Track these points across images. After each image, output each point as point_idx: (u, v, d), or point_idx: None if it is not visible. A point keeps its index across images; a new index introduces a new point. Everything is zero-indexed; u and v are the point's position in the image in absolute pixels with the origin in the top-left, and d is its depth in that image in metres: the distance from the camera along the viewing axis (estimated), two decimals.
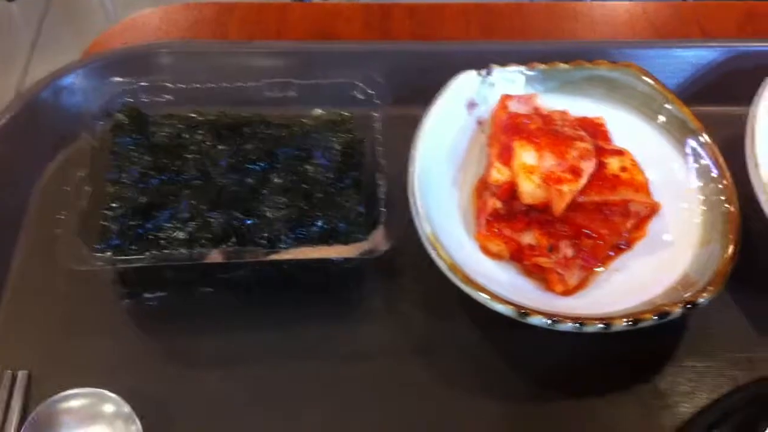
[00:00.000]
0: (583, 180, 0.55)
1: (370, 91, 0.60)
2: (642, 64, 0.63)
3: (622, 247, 0.57)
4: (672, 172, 0.59)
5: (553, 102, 0.62)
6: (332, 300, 0.56)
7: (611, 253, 0.56)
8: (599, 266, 0.55)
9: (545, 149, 0.56)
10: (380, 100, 0.59)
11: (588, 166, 0.55)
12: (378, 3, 0.80)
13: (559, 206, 0.54)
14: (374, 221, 0.54)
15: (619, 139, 0.60)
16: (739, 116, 0.60)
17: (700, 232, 0.56)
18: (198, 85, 0.58)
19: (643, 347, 0.54)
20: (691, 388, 0.52)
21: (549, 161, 0.56)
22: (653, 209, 0.57)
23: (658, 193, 0.58)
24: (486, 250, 0.57)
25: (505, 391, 0.53)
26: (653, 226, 0.57)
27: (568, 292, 0.54)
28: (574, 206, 0.55)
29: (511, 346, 0.55)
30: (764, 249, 0.57)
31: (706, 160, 0.58)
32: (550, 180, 0.55)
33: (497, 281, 0.54)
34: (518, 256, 0.55)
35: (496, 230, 0.56)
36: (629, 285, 0.55)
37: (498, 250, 0.56)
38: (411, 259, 0.56)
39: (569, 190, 0.54)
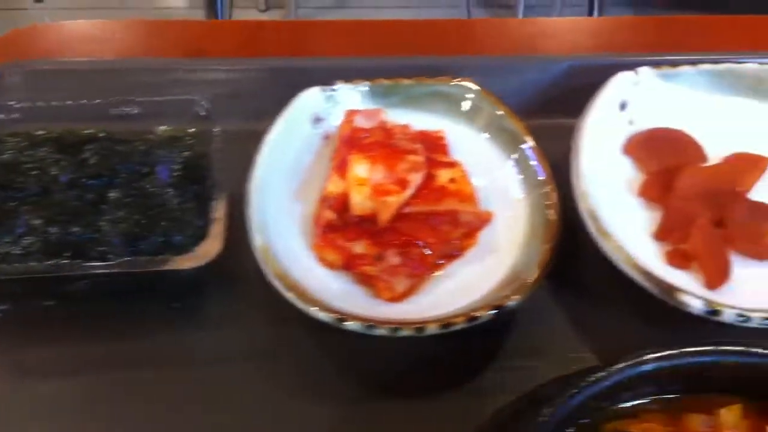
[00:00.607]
0: (409, 191, 0.57)
1: (213, 108, 0.62)
2: (486, 79, 0.66)
3: (455, 254, 0.59)
4: (502, 181, 0.62)
5: (399, 117, 0.65)
6: (171, 310, 0.58)
7: (442, 261, 0.59)
8: (428, 273, 0.58)
9: (378, 162, 0.59)
10: (224, 117, 0.62)
11: (415, 178, 0.58)
12: (254, 20, 0.83)
13: (384, 216, 0.57)
14: (208, 234, 0.56)
15: (457, 152, 0.63)
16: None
17: (524, 238, 0.59)
18: (42, 104, 0.60)
19: (472, 349, 0.56)
20: (509, 387, 0.54)
21: (380, 174, 0.58)
22: (483, 219, 0.60)
23: (490, 203, 0.61)
24: (323, 260, 0.59)
25: (338, 395, 0.55)
26: (484, 233, 0.60)
27: (395, 299, 0.56)
28: (401, 217, 0.57)
29: (345, 351, 0.57)
30: (585, 255, 0.59)
31: (533, 167, 0.61)
32: (378, 192, 0.57)
33: (330, 290, 0.56)
34: (349, 265, 0.58)
35: (330, 240, 0.58)
36: (458, 290, 0.57)
37: (332, 260, 0.58)
38: (251, 269, 0.57)
39: (394, 201, 0.57)
